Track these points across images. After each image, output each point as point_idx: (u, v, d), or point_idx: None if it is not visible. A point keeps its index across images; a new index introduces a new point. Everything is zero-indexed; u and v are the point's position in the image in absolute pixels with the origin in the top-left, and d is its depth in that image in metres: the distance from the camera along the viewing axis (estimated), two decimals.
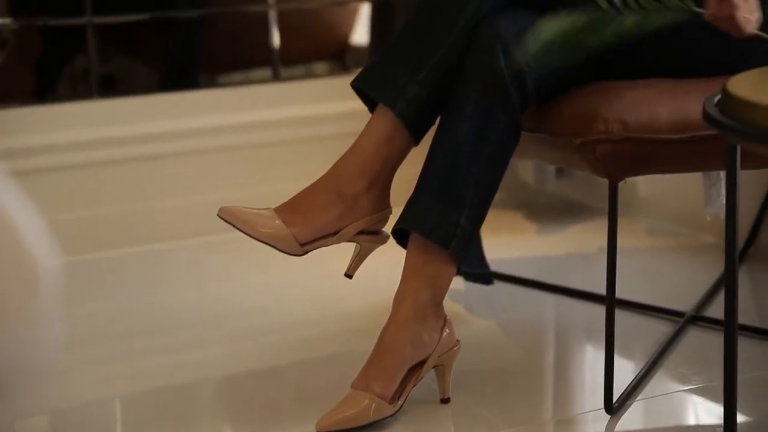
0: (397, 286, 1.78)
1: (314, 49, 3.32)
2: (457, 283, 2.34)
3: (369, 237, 1.81)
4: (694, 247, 2.60)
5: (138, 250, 2.70)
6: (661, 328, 2.13)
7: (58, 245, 1.27)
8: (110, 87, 2.89)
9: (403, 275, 1.76)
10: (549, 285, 2.37)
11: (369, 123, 1.81)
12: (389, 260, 1.85)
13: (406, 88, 1.77)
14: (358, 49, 3.34)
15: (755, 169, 1.84)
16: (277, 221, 1.75)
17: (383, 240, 1.83)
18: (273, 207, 1.78)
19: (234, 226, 1.75)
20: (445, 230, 1.73)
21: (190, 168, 2.79)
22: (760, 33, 1.70)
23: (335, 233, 1.78)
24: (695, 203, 2.34)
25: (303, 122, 2.91)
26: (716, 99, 1.48)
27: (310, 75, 3.26)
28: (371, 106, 1.85)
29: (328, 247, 1.80)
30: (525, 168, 2.89)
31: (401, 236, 1.80)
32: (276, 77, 2.99)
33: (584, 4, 1.77)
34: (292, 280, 2.43)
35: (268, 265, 2.44)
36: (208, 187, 2.77)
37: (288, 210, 1.77)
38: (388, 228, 1.83)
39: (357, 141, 1.81)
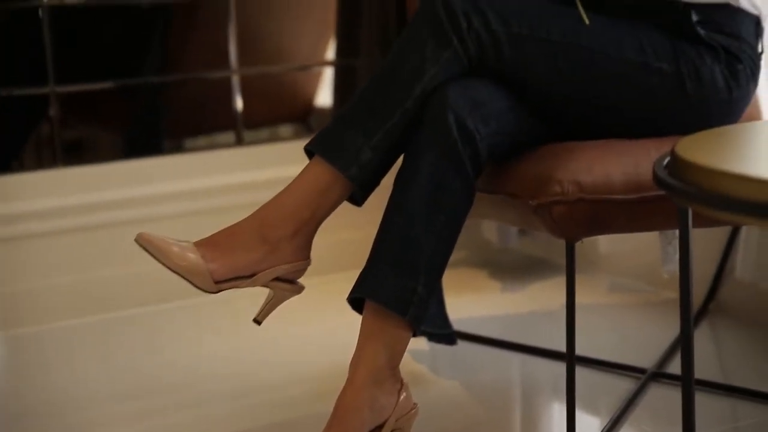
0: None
1: (279, 112, 3.35)
2: (422, 343, 2.36)
3: (284, 285, 1.81)
4: (655, 303, 2.62)
5: (101, 318, 2.69)
6: (624, 385, 2.15)
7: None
8: (75, 155, 2.90)
9: (359, 340, 1.77)
10: (513, 344, 2.38)
11: (305, 170, 1.81)
12: (355, 322, 1.87)
13: (360, 153, 1.79)
14: (322, 111, 3.37)
15: (709, 227, 1.87)
16: (194, 255, 1.74)
17: (298, 290, 1.83)
18: (194, 241, 1.77)
19: (151, 254, 1.74)
20: (402, 298, 1.74)
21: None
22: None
23: (251, 276, 1.78)
24: (656, 260, 2.37)
25: (268, 185, 2.92)
26: (666, 161, 1.51)
27: (275, 138, 3.29)
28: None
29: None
30: (488, 226, 2.91)
31: (356, 301, 1.81)
32: (239, 142, 3.01)
33: (534, 72, 1.82)
34: (257, 343, 2.43)
35: (231, 329, 2.44)
36: None
37: (208, 246, 1.77)
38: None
39: (289, 186, 1.81)
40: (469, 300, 2.69)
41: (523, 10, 1.84)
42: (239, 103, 3.00)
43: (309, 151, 1.84)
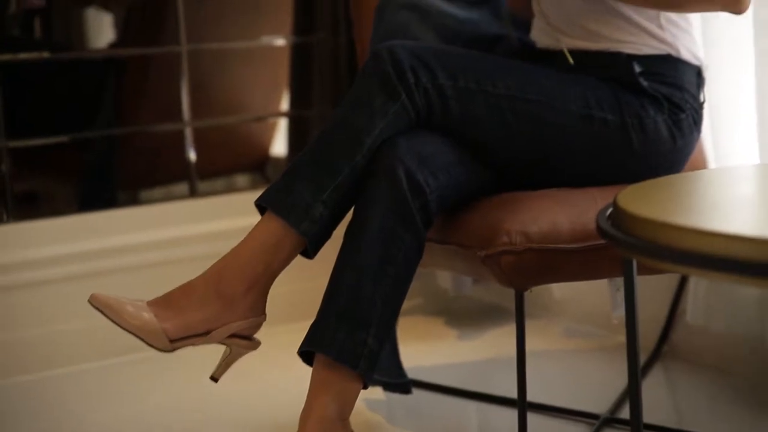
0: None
1: (235, 162, 3.36)
2: (377, 392, 2.36)
3: (240, 341, 1.82)
4: (609, 348, 2.64)
5: (58, 373, 2.67)
6: (578, 431, 2.16)
7: None
8: (27, 209, 2.89)
9: (309, 392, 1.77)
10: (469, 392, 2.39)
11: (257, 226, 1.83)
12: (305, 374, 1.87)
13: (311, 208, 1.80)
14: (278, 161, 3.39)
15: (654, 274, 1.89)
16: (148, 314, 1.76)
17: (254, 346, 1.84)
18: (147, 300, 1.78)
19: (104, 314, 1.75)
20: (352, 351, 1.75)
21: (111, 287, 2.77)
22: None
23: (206, 333, 1.79)
24: (608, 305, 2.39)
25: (224, 236, 2.92)
26: (609, 212, 1.54)
27: (232, 187, 3.30)
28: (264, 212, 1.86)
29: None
30: (443, 274, 2.93)
31: (307, 354, 1.81)
32: (194, 193, 3.02)
33: (481, 126, 1.85)
34: (206, 397, 2.42)
35: (182, 384, 2.43)
36: None
37: (162, 304, 1.78)
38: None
39: (242, 242, 1.82)
40: (424, 348, 2.70)
41: (469, 65, 1.87)
42: (192, 155, 3.01)
43: (260, 206, 1.85)
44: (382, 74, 1.83)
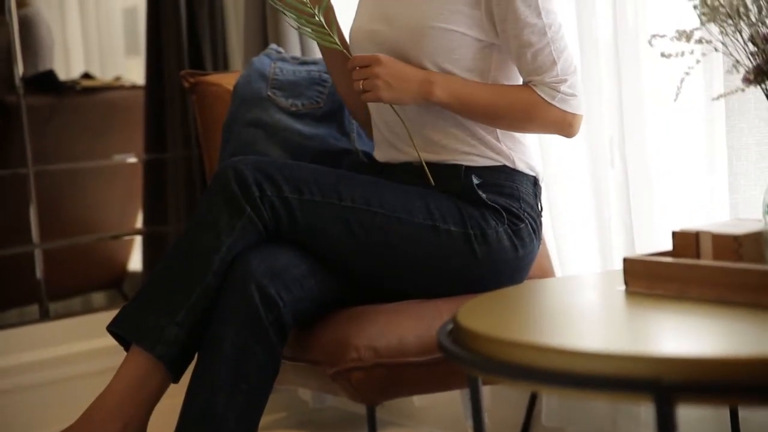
0: None
1: (89, 280, 3.31)
2: None
3: None
4: None
5: None
6: None
7: None
8: None
9: None
10: None
11: (122, 365, 1.81)
12: None
13: (165, 331, 1.79)
14: (135, 276, 3.35)
15: (503, 384, 1.91)
16: None
17: None
18: None
19: None
20: None
21: None
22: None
23: None
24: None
25: (79, 358, 2.86)
26: (450, 327, 1.55)
27: (87, 306, 3.24)
28: (126, 345, 1.84)
29: None
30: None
31: None
32: (45, 315, 2.94)
33: (328, 237, 1.86)
34: None
35: None
36: None
37: None
38: None
39: (110, 384, 1.80)
40: None
41: (314, 178, 1.89)
42: (42, 277, 2.94)
43: (113, 333, 1.83)
44: (226, 191, 1.83)
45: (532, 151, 2.03)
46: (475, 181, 1.94)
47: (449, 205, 1.93)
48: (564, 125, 1.95)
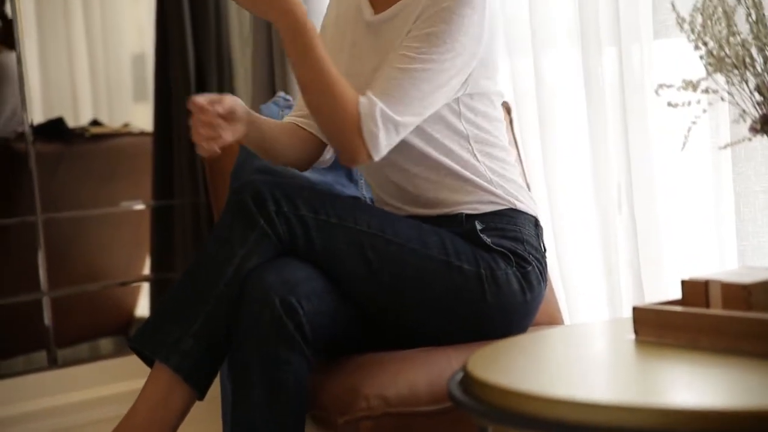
0: None
1: (97, 327, 3.30)
2: None
3: None
4: None
5: None
6: None
7: None
8: None
9: None
10: None
11: (146, 384, 1.80)
12: None
13: (180, 342, 1.79)
14: (143, 322, 3.34)
15: None
16: None
17: None
18: None
19: None
20: None
21: None
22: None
23: None
24: None
25: (87, 406, 2.86)
26: (460, 377, 1.55)
27: (95, 353, 3.24)
28: (150, 362, 1.84)
29: None
30: None
31: None
32: (53, 363, 2.94)
33: (343, 259, 1.86)
34: None
35: None
36: None
37: None
38: None
39: (134, 405, 1.80)
40: None
41: (331, 201, 1.89)
42: (50, 324, 2.94)
43: (134, 349, 1.83)
44: (241, 207, 1.84)
45: (527, 190, 2.04)
46: (478, 227, 1.94)
47: (463, 244, 1.93)
48: (352, 147, 1.84)
